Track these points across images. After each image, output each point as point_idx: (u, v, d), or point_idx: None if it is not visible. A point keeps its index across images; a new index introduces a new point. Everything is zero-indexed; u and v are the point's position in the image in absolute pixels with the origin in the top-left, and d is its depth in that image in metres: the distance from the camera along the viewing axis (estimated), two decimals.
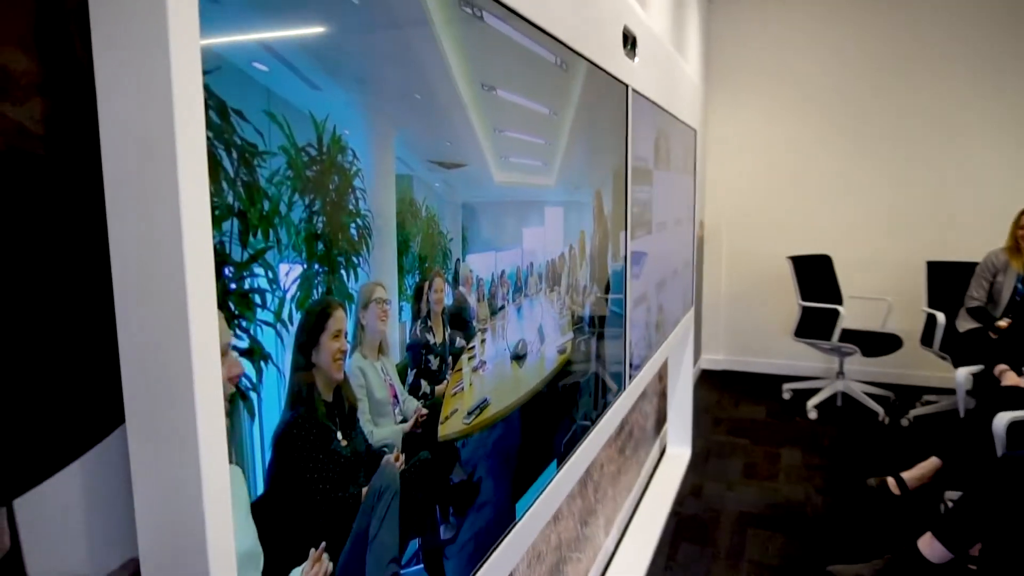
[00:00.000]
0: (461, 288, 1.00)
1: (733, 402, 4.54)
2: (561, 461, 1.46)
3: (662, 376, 3.59)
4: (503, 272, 1.15)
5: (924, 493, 2.80)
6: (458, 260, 0.98)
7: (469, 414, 1.03)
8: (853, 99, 4.79)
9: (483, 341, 1.08)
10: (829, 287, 4.56)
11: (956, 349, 3.81)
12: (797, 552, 2.64)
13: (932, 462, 2.72)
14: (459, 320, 1.00)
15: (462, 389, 1.02)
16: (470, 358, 1.04)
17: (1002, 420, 2.17)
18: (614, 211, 1.86)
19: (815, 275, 4.52)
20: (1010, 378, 2.64)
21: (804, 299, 4.34)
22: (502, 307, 1.15)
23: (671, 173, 2.70)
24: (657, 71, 2.30)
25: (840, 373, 4.40)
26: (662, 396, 3.61)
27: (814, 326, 4.28)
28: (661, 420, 3.64)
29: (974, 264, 3.92)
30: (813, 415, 4.18)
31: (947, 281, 4.20)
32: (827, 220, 4.96)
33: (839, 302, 4.43)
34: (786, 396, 4.55)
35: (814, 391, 4.39)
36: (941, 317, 3.97)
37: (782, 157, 5.01)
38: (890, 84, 4.69)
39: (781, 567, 2.55)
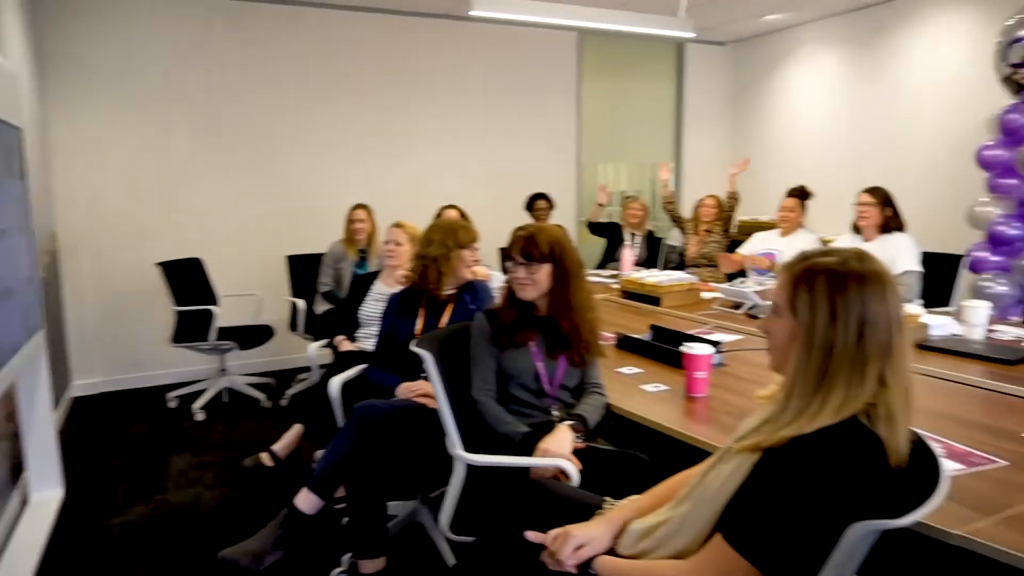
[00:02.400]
0: None
1: (117, 425, 4.21)
2: None
3: (12, 416, 3.06)
4: None
5: (297, 458, 3.15)
6: None
7: None
8: (215, 107, 4.98)
9: None
10: (203, 289, 4.64)
11: (316, 329, 4.37)
12: (193, 552, 2.64)
13: (296, 429, 3.09)
14: None
15: None
16: None
17: (334, 383, 2.62)
18: None
19: (187, 279, 4.53)
20: (345, 345, 3.19)
21: (178, 304, 4.31)
22: None
23: None
24: None
25: (223, 370, 4.55)
26: (14, 439, 3.09)
27: (192, 329, 4.30)
28: (19, 467, 3.11)
29: (322, 255, 4.54)
30: (200, 416, 4.22)
31: (304, 271, 4.76)
32: (196, 224, 5.02)
33: (214, 302, 4.55)
34: (172, 405, 4.47)
35: (200, 393, 4.43)
36: (302, 304, 4.49)
37: (146, 163, 4.84)
38: (248, 93, 5.06)
39: (177, 569, 2.52)
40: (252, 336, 4.47)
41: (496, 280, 3.48)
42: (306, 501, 2.39)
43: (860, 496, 1.05)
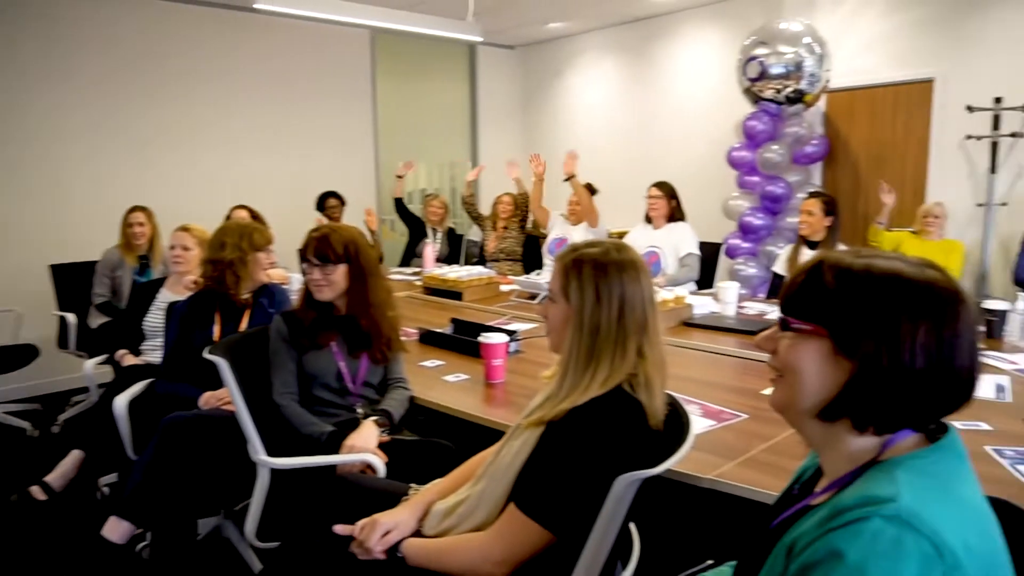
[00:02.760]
0: None
1: None
2: None
3: None
4: None
5: (77, 488, 2.85)
6: None
7: None
8: None
9: None
10: None
11: (92, 344, 3.96)
12: None
13: (74, 456, 2.79)
14: None
15: None
16: None
17: (120, 400, 2.42)
18: None
19: None
20: (128, 359, 2.94)
21: None
22: None
23: None
24: None
25: None
26: None
27: None
28: None
29: (95, 263, 4.11)
30: None
31: (73, 282, 4.28)
32: None
33: None
34: None
35: None
36: (72, 318, 4.04)
37: None
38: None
39: None
40: (10, 358, 3.94)
41: (295, 282, 3.41)
42: (115, 530, 2.19)
43: (624, 453, 1.22)
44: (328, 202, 5.26)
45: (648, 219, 4.27)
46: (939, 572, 0.67)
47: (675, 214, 4.20)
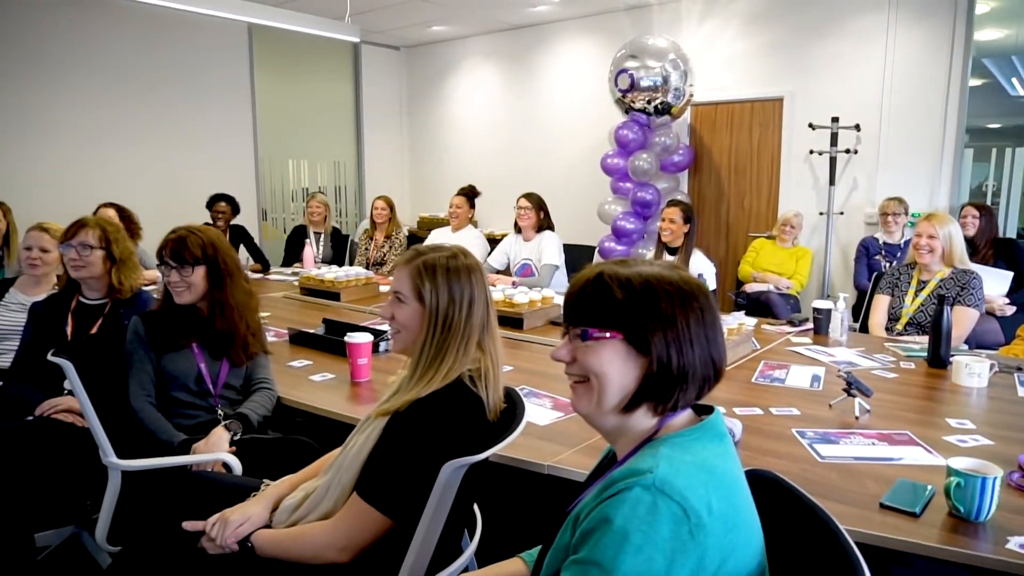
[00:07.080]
0: None
1: None
2: None
3: None
4: None
5: None
6: None
7: None
8: None
9: None
10: None
11: None
12: None
13: None
14: None
15: None
16: None
17: None
18: None
19: None
20: None
21: None
22: None
23: None
24: None
25: None
26: None
27: None
28: None
29: None
30: None
31: None
32: None
33: None
34: None
35: None
36: None
37: None
38: None
39: None
40: None
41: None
42: None
43: (455, 441, 1.33)
44: (218, 206, 5.08)
45: (517, 228, 4.36)
46: (686, 529, 0.81)
47: (543, 224, 4.29)
